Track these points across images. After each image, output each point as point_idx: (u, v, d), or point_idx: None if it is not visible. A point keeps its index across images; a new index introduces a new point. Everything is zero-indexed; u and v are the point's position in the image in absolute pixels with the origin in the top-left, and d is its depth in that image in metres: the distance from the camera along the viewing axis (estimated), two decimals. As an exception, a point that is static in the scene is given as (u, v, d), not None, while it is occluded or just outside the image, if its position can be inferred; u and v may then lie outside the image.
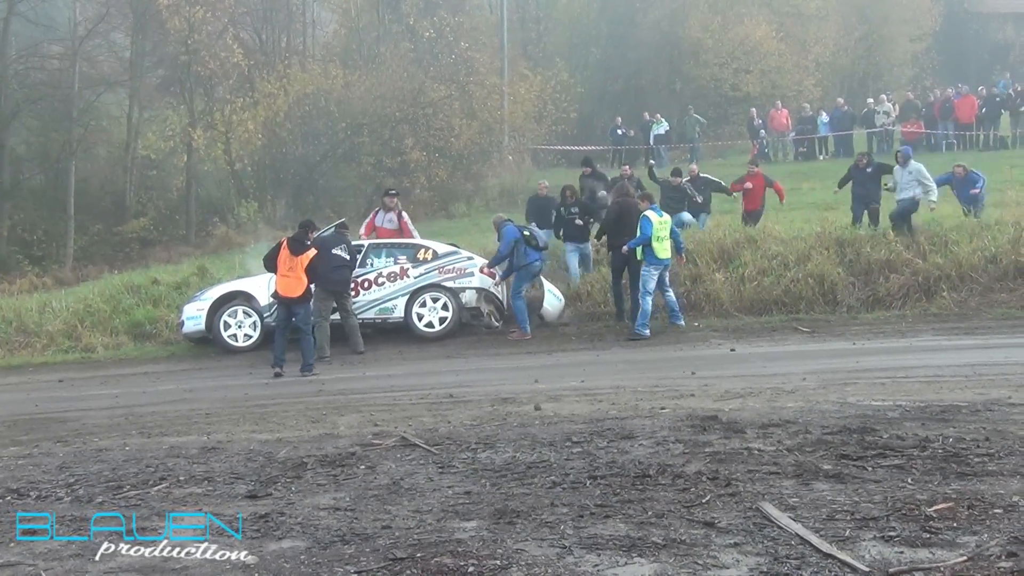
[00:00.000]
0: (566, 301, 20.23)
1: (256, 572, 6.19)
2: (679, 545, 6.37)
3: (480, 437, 9.98)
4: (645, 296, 17.99)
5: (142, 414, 13.56)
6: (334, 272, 18.28)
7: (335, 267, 18.30)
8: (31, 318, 21.92)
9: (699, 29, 47.07)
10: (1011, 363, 13.71)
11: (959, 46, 52.68)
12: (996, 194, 23.20)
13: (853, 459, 8.24)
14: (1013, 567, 5.73)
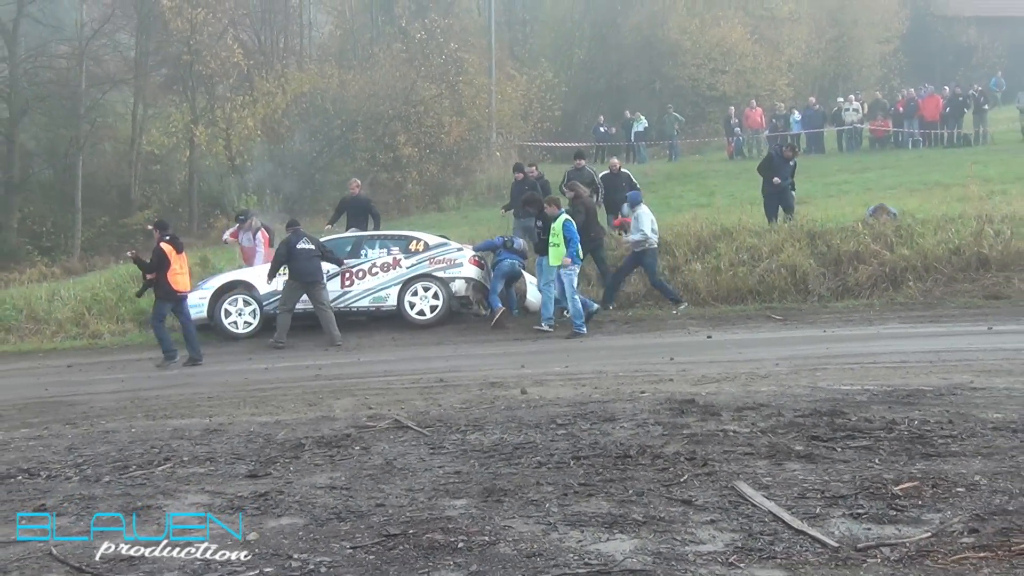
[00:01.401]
0: None
1: (256, 548, 6.19)
2: (658, 522, 6.38)
3: (469, 419, 9.99)
4: (575, 296, 17.86)
5: (147, 397, 13.54)
6: (306, 263, 18.42)
7: (306, 259, 18.43)
8: (40, 306, 21.88)
9: (678, 31, 47.12)
10: (973, 349, 13.75)
11: (925, 48, 52.77)
12: (959, 189, 23.23)
13: (823, 440, 8.26)
14: (975, 543, 5.75)
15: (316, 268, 18.58)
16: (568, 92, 45.93)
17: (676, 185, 31.49)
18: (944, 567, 5.44)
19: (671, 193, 29.69)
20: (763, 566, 5.60)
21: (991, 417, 8.87)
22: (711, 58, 46.64)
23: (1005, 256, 18.96)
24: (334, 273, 19.08)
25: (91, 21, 38.10)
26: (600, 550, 5.92)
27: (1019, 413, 8.98)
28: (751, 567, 5.60)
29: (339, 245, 19.80)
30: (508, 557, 5.86)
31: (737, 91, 45.13)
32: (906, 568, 5.46)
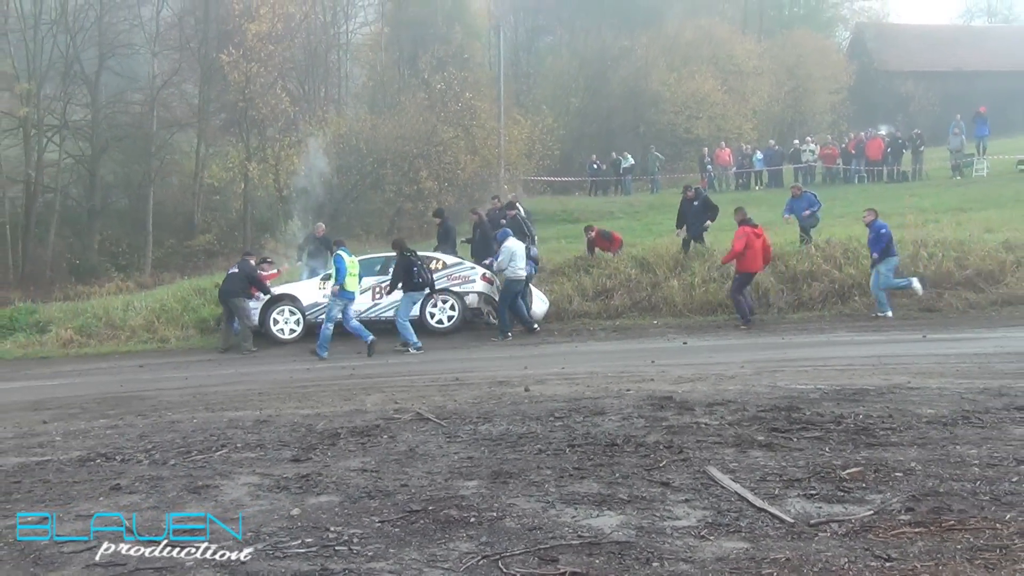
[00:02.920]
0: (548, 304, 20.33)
1: (299, 521, 6.19)
2: (641, 500, 6.37)
3: (480, 413, 9.98)
4: (328, 323, 17.76)
5: (207, 393, 13.55)
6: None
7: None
8: (117, 315, 21.97)
9: (658, 83, 47.24)
10: (910, 355, 13.75)
11: (869, 98, 52.80)
12: (898, 218, 23.22)
13: (781, 432, 8.25)
14: (911, 520, 5.74)
15: (228, 290, 19.22)
16: (565, 135, 46.01)
17: (657, 214, 31.48)
18: (885, 540, 5.43)
19: (652, 221, 29.72)
20: (730, 539, 5.59)
21: (925, 412, 8.86)
22: (687, 106, 46.73)
23: (937, 275, 19.00)
24: (365, 288, 19.13)
25: (161, 73, 38.24)
26: (591, 524, 5.92)
27: (949, 409, 8.97)
28: (719, 539, 5.59)
29: (369, 264, 19.82)
30: (513, 530, 5.85)
31: (709, 134, 45.21)
32: (852, 541, 5.45)
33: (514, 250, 18.56)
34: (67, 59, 35.94)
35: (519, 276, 18.52)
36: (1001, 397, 9.56)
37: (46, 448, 9.24)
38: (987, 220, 23.07)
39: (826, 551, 5.31)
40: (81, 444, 9.36)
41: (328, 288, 18.40)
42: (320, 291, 19.28)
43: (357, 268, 18.07)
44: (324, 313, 18.52)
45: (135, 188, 37.76)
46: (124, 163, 38.49)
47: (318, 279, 19.81)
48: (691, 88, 46.82)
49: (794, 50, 51.50)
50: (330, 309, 17.87)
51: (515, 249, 18.57)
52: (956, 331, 16.31)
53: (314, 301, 19.32)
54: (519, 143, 39.56)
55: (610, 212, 32.12)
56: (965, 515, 5.81)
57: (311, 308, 19.38)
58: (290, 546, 5.74)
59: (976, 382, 10.72)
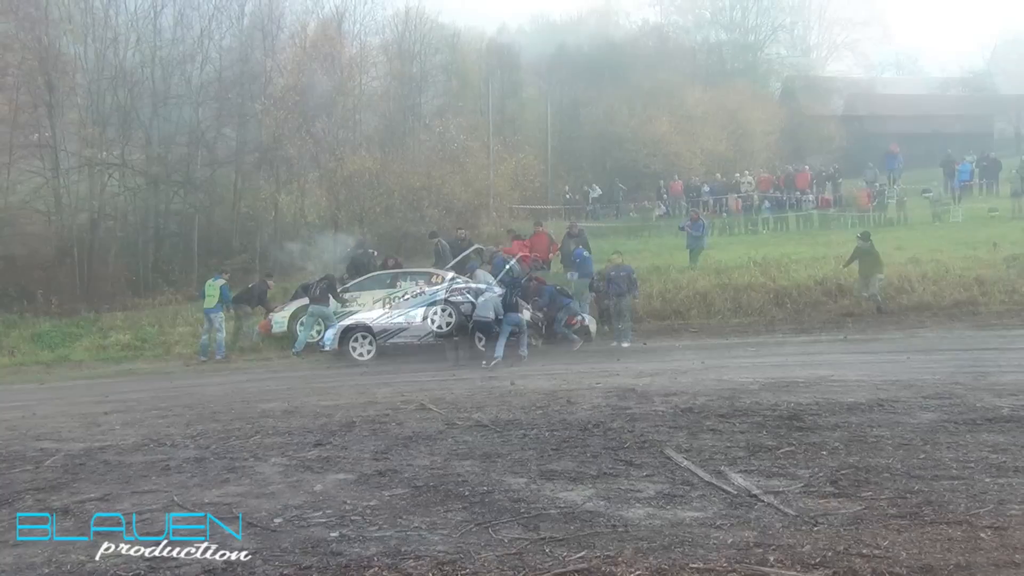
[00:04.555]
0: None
1: (320, 496, 6.18)
2: (609, 476, 6.38)
3: (473, 403, 9.99)
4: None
5: (243, 388, 13.53)
6: None
7: None
8: (168, 323, 21.95)
9: (622, 127, 47.38)
10: (833, 352, 13.83)
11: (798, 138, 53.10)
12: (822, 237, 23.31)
13: (726, 418, 8.27)
14: (835, 491, 5.78)
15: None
16: (544, 169, 46.06)
17: (620, 236, 31.53)
18: (813, 508, 5.45)
19: (617, 242, 29.70)
20: (684, 509, 5.61)
21: (846, 400, 8.89)
22: (646, 145, 46.81)
23: (855, 285, 19.02)
24: (378, 298, 19.01)
25: (204, 120, 38.19)
26: (567, 497, 5.92)
27: (866, 398, 9.01)
28: (675, 509, 5.60)
29: (380, 279, 19.72)
30: (501, 502, 5.86)
31: (664, 168, 45.32)
32: (785, 507, 5.46)
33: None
34: (126, 108, 35.92)
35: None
36: (910, 388, 9.59)
37: (107, 435, 9.21)
38: (898, 239, 23.11)
39: (764, 517, 5.32)
40: (137, 432, 9.32)
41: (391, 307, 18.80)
42: None
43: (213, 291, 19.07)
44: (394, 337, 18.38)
45: (183, 216, 37.67)
46: (174, 196, 38.43)
47: (381, 303, 19.37)
48: (649, 131, 46.97)
49: (735, 98, 51.71)
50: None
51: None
52: (872, 332, 16.33)
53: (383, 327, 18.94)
54: (506, 177, 39.61)
55: (581, 234, 32.11)
56: (880, 487, 5.84)
57: (383, 333, 18.88)
58: (313, 516, 5.73)
59: (888, 375, 10.75)
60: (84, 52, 35.80)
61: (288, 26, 44.79)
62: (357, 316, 19.07)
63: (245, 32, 40.24)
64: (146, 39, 36.85)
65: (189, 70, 38.47)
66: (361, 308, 19.20)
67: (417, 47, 49.71)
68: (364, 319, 18.87)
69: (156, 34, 37.17)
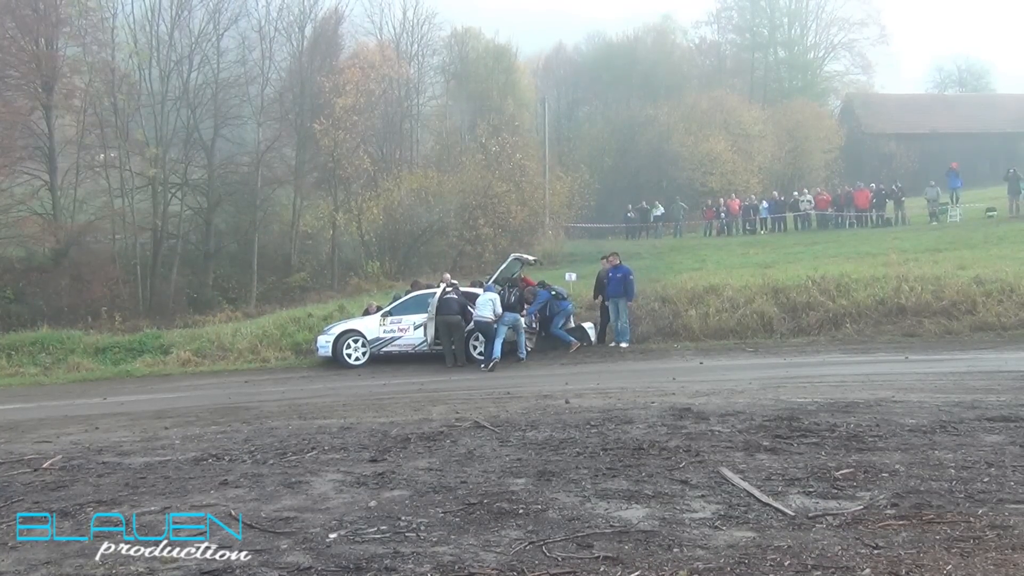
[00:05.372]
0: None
1: (375, 512, 6.19)
2: (663, 496, 6.32)
3: (528, 421, 9.95)
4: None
5: (300, 404, 13.63)
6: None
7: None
8: (227, 339, 22.21)
9: (678, 145, 47.30)
10: (894, 373, 13.57)
11: (857, 156, 52.47)
12: (883, 257, 23.00)
13: (784, 438, 8.16)
14: (895, 514, 5.66)
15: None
16: (600, 188, 46.11)
17: (677, 254, 31.33)
18: (873, 531, 5.35)
19: (673, 260, 29.57)
20: (739, 529, 5.53)
21: (908, 422, 8.72)
22: (702, 164, 46.70)
23: (917, 305, 18.75)
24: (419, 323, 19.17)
25: (265, 140, 38.83)
26: (621, 516, 5.88)
27: (928, 419, 8.83)
28: (730, 529, 5.53)
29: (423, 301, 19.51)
30: (555, 520, 5.83)
31: (721, 187, 45.10)
32: (844, 532, 5.37)
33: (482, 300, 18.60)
34: (188, 129, 36.69)
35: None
36: (973, 409, 9.39)
37: (167, 449, 9.34)
38: (960, 259, 22.72)
39: (822, 540, 5.23)
40: (196, 446, 9.44)
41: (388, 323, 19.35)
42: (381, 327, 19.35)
43: None
44: (385, 345, 19.28)
45: (243, 234, 38.28)
46: (234, 214, 39.06)
47: (378, 316, 19.70)
48: (706, 149, 46.84)
49: (793, 116, 51.34)
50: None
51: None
52: (934, 353, 16.05)
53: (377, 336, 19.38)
54: (561, 195, 39.71)
55: (637, 253, 31.95)
56: (943, 510, 5.71)
57: (375, 342, 19.39)
58: (367, 532, 5.74)
59: (952, 396, 10.56)
60: (149, 74, 36.63)
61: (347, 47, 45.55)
62: (351, 323, 19.59)
63: (306, 54, 40.88)
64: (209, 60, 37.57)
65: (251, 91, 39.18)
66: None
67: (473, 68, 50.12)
68: (357, 325, 19.37)
69: (218, 56, 37.88)
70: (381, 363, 19.12)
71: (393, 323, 19.32)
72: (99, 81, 34.07)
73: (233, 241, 39.19)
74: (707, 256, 29.96)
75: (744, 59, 64.09)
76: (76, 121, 33.93)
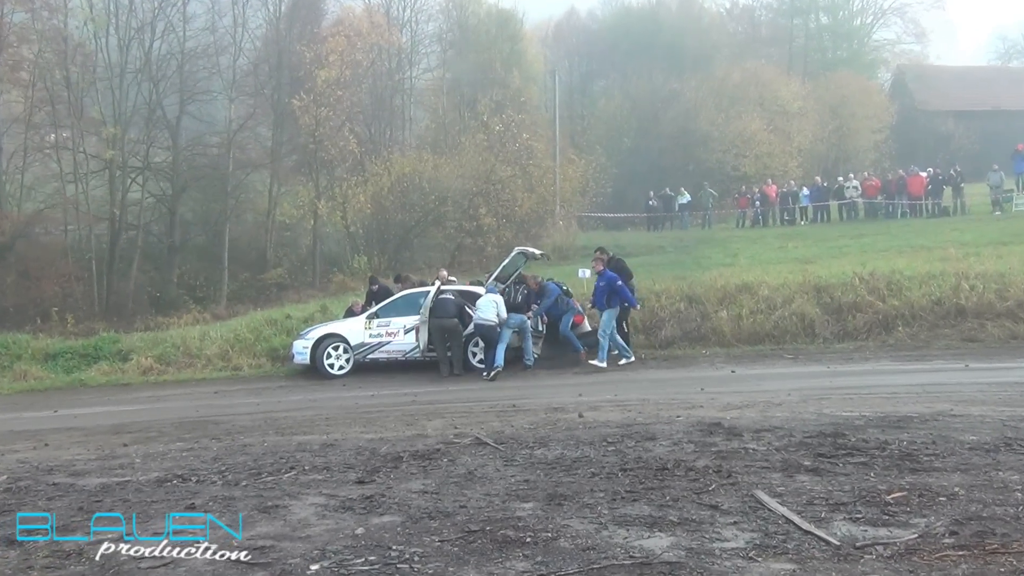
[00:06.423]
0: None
1: (363, 540, 6.19)
2: (691, 523, 6.31)
3: (536, 438, 9.95)
4: None
5: (277, 418, 13.65)
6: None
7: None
8: (194, 344, 22.22)
9: (707, 123, 47.26)
10: (953, 383, 13.55)
11: (910, 136, 52.30)
12: (940, 251, 22.96)
13: (827, 457, 8.14)
14: (954, 543, 5.64)
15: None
16: (618, 173, 46.11)
17: (706, 248, 31.36)
18: (929, 563, 5.34)
19: (701, 255, 29.59)
20: (777, 560, 5.52)
21: (968, 439, 8.71)
22: (734, 145, 46.66)
23: (979, 306, 18.72)
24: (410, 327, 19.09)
25: (237, 118, 38.88)
26: (643, 545, 5.87)
27: (991, 436, 8.81)
28: (767, 561, 5.52)
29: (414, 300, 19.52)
30: (567, 550, 5.82)
31: (756, 171, 45.06)
32: (897, 563, 5.35)
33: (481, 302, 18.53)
34: (150, 105, 36.71)
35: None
36: (1043, 424, 9.38)
37: (126, 469, 9.35)
38: None
39: (871, 573, 5.22)
40: (159, 466, 9.45)
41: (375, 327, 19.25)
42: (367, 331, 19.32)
43: None
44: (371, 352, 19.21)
45: (212, 225, 38.35)
46: (202, 202, 39.12)
47: (363, 318, 19.67)
48: (738, 128, 46.78)
49: (837, 91, 51.19)
50: None
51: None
52: (998, 360, 16.04)
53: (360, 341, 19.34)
54: (573, 181, 39.70)
55: (660, 247, 32.02)
56: (1008, 539, 5.69)
57: (360, 348, 19.36)
58: (354, 563, 5.74)
59: (1018, 410, 10.54)
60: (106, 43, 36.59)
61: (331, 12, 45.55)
62: (332, 326, 19.54)
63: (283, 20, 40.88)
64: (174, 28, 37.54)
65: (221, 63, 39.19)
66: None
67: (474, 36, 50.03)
68: (339, 329, 19.30)
69: (184, 22, 37.86)
70: (368, 372, 19.13)
71: (381, 326, 19.30)
72: (50, 51, 34.11)
73: (201, 233, 39.25)
74: (740, 250, 29.96)
75: (782, 26, 63.99)
76: (23, 97, 34.00)
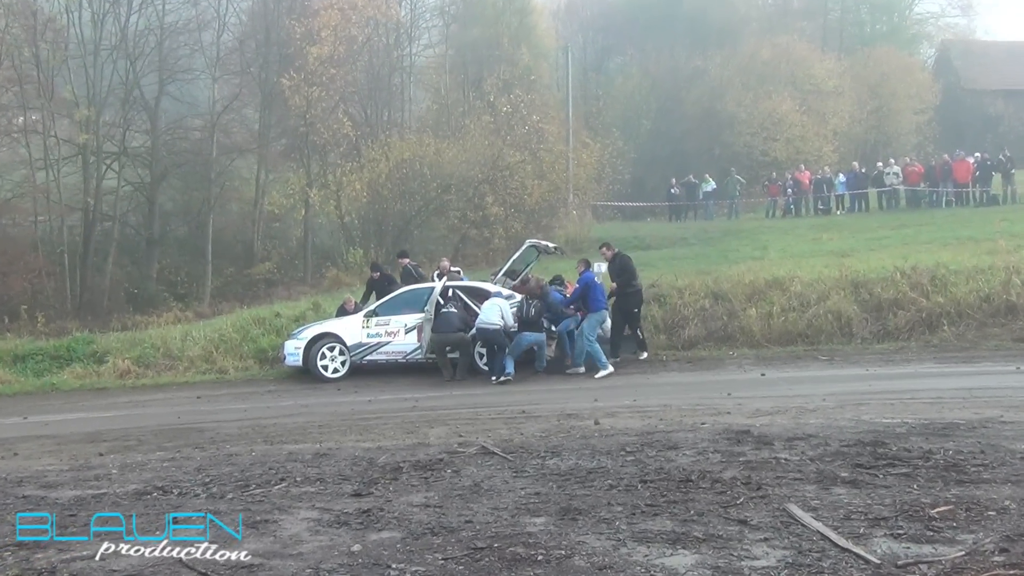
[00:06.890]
0: None
1: (360, 558, 6.20)
2: (717, 539, 6.31)
3: (548, 447, 9.96)
4: None
5: (266, 425, 13.67)
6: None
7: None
8: (175, 345, 22.23)
9: (734, 104, 47.11)
10: (1003, 387, 13.52)
11: (956, 118, 52.09)
12: (988, 243, 22.90)
13: (866, 468, 8.14)
14: (1005, 561, 5.63)
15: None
16: (636, 158, 46.10)
17: (733, 240, 31.32)
18: (978, 583, 5.34)
19: (728, 247, 29.57)
20: (812, 581, 5.53)
21: (1020, 448, 8.70)
22: (764, 127, 46.50)
23: (1032, 303, 18.67)
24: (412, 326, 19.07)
25: (222, 99, 38.85)
26: (664, 564, 5.87)
27: (1046, 445, 8.80)
28: (801, 581, 5.53)
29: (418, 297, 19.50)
30: (582, 569, 5.83)
31: (787, 156, 44.94)
32: (943, 584, 5.35)
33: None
34: (127, 85, 36.67)
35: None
36: (1102, 432, 9.36)
37: (102, 481, 9.37)
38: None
39: (915, 594, 5.22)
40: (138, 477, 9.48)
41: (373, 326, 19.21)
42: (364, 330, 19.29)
43: None
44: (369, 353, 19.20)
45: (194, 216, 38.36)
46: (183, 190, 39.14)
47: (360, 316, 19.63)
48: (768, 109, 46.61)
49: (876, 68, 50.93)
50: None
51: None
52: (1053, 363, 16.00)
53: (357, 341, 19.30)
54: (588, 167, 39.63)
55: (683, 238, 31.98)
56: (1064, 557, 5.68)
57: (357, 349, 19.32)
58: (350, 584, 5.76)
59: (1075, 416, 10.50)
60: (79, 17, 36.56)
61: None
62: (326, 325, 19.49)
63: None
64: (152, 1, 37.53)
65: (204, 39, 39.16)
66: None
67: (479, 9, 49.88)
68: (334, 329, 19.27)
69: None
70: (365, 375, 19.15)
71: (379, 325, 19.29)
72: (17, 27, 34.09)
73: (182, 224, 39.30)
74: (770, 242, 29.92)
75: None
76: (-11, 76, 34.00)
